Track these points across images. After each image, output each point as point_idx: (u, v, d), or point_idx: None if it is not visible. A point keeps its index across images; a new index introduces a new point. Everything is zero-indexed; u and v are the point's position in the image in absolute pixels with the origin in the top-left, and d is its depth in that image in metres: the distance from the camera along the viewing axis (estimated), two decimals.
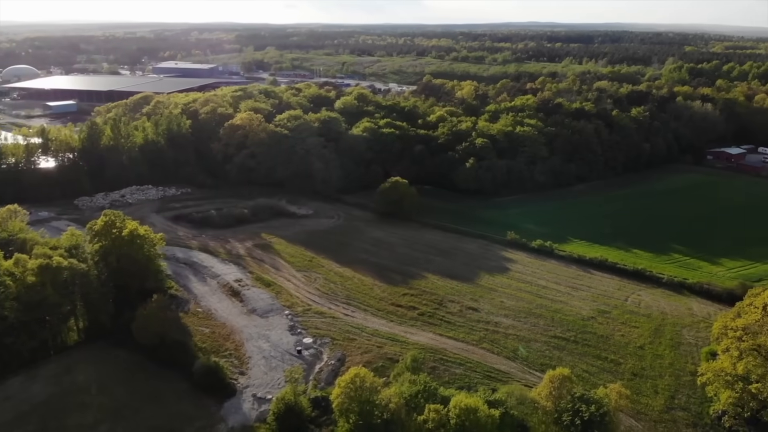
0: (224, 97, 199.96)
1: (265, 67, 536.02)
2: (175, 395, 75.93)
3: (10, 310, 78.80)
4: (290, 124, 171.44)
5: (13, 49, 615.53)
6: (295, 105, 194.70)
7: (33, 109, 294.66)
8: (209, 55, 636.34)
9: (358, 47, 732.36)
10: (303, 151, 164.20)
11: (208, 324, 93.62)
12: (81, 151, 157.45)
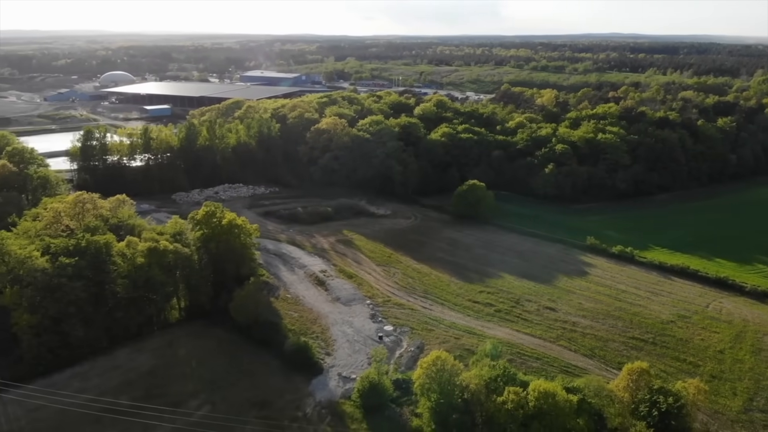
0: (310, 103, 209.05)
1: (345, 77, 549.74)
2: (267, 371, 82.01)
3: (121, 287, 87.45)
4: (372, 129, 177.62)
5: (109, 56, 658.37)
6: (376, 111, 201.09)
7: (130, 112, 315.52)
8: (292, 65, 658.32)
9: (436, 57, 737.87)
10: (383, 154, 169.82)
11: (297, 309, 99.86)
12: (179, 150, 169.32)
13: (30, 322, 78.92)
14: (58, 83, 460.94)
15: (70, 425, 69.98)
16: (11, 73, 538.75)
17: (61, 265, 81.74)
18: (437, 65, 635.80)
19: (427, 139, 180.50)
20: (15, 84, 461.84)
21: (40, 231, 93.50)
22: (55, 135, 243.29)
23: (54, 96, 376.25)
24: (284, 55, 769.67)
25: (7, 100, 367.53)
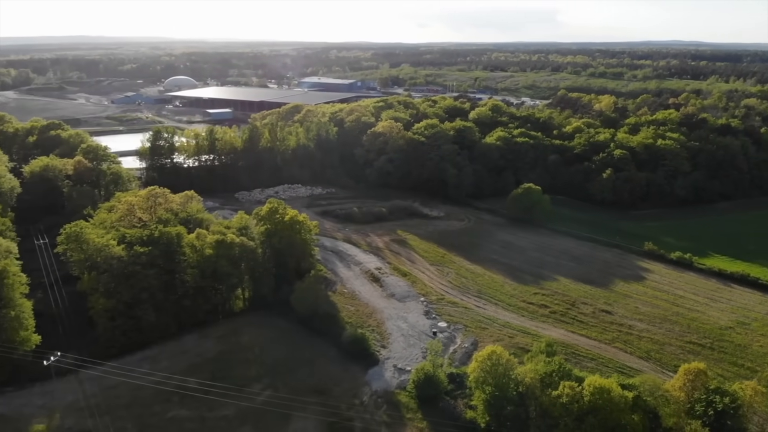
0: (367, 107, 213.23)
1: (400, 83, 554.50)
2: (325, 360, 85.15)
3: (190, 276, 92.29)
4: (427, 132, 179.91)
5: (172, 62, 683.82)
6: (431, 115, 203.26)
7: (193, 115, 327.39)
8: (348, 72, 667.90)
9: (491, 63, 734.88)
10: (438, 157, 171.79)
11: (353, 303, 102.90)
12: (242, 151, 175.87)
13: (106, 306, 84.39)
14: (125, 87, 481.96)
15: (141, 403, 74.60)
16: (79, 76, 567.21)
17: (135, 253, 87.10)
18: (492, 71, 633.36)
19: (482, 143, 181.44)
20: (83, 87, 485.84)
21: (114, 222, 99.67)
22: (123, 136, 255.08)
23: (121, 99, 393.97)
24: (340, 62, 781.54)
25: (76, 102, 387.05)
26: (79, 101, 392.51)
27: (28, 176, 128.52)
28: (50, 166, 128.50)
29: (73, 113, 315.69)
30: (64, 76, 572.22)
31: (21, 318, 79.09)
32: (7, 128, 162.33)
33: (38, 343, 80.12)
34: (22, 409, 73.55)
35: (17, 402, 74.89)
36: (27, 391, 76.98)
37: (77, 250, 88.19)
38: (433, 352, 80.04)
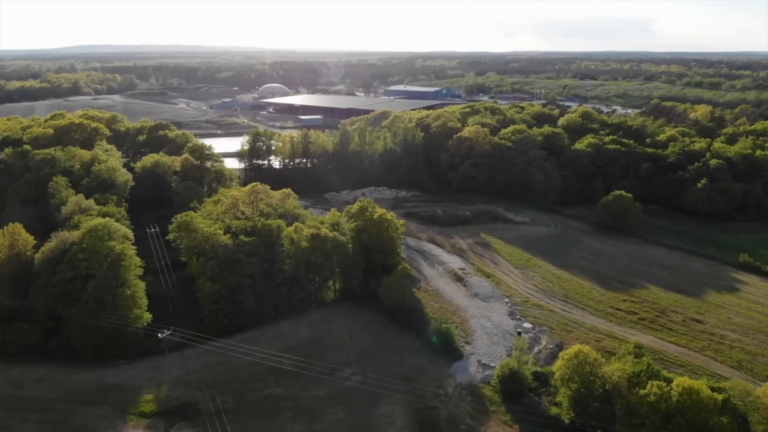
0: (453, 113, 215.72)
1: (485, 91, 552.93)
2: (411, 351, 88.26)
3: (288, 266, 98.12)
4: (514, 137, 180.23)
5: (266, 71, 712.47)
6: (518, 121, 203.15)
7: (286, 121, 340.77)
8: (433, 80, 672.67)
9: (580, 72, 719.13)
10: (524, 162, 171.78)
11: (437, 300, 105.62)
12: (333, 154, 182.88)
13: (211, 290, 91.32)
14: (222, 93, 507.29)
15: (241, 380, 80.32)
16: (180, 83, 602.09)
17: (240, 242, 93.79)
18: (581, 79, 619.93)
19: (571, 149, 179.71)
20: (184, 93, 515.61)
21: (220, 214, 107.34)
22: (221, 139, 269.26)
23: (218, 104, 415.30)
24: (425, 71, 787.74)
25: (177, 107, 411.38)
26: (180, 106, 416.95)
27: (140, 171, 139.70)
28: (160, 162, 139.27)
29: (175, 116, 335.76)
30: (165, 82, 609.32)
31: (135, 297, 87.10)
32: (120, 127, 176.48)
33: (149, 321, 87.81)
34: (134, 380, 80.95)
35: (129, 373, 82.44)
36: (138, 364, 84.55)
37: (187, 238, 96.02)
38: (518, 349, 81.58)
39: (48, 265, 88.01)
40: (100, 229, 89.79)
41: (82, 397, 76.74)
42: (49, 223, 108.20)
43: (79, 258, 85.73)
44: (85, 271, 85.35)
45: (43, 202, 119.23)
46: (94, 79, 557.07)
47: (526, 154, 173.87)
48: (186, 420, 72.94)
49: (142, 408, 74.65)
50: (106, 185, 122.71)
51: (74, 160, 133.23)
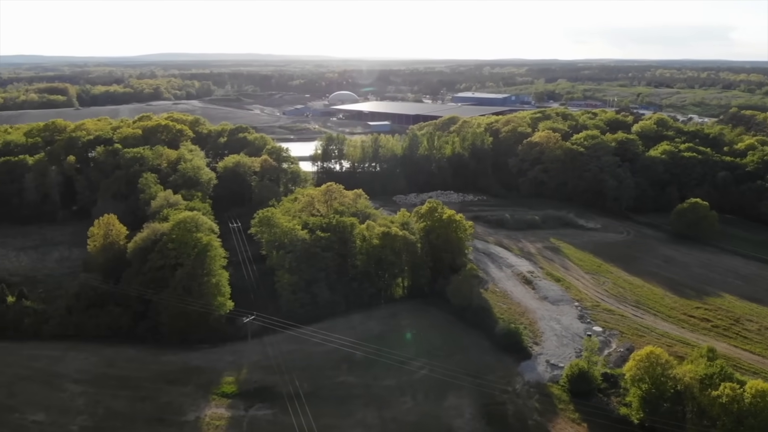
0: (523, 118, 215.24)
1: (555, 98, 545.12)
2: (478, 349, 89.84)
3: (360, 262, 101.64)
4: (586, 143, 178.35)
5: (335, 79, 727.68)
6: (590, 127, 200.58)
7: (355, 127, 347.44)
8: (501, 87, 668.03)
9: (655, 80, 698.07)
10: (597, 168, 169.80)
11: (505, 302, 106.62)
12: (401, 158, 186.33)
13: (289, 281, 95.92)
14: (294, 100, 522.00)
15: (315, 367, 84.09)
16: (254, 90, 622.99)
17: (317, 237, 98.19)
18: (656, 87, 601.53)
19: (645, 156, 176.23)
20: (258, 99, 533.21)
21: (297, 211, 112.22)
22: (294, 143, 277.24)
23: (291, 111, 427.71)
24: (493, 78, 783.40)
25: (253, 113, 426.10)
26: (254, 111, 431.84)
27: (222, 170, 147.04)
28: (241, 162, 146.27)
29: (251, 122, 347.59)
30: (240, 89, 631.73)
31: (219, 285, 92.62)
32: (202, 130, 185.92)
33: (232, 309, 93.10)
34: (216, 363, 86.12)
35: (211, 357, 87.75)
36: (219, 349, 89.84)
37: (267, 232, 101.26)
38: (589, 349, 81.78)
39: (140, 254, 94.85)
40: (189, 221, 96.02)
41: (168, 377, 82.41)
42: (138, 216, 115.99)
43: (169, 248, 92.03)
44: (174, 260, 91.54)
45: (132, 196, 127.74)
46: (174, 85, 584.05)
47: (599, 159, 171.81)
48: (265, 401, 77.20)
49: (224, 389, 79.49)
50: (191, 183, 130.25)
51: (161, 159, 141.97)
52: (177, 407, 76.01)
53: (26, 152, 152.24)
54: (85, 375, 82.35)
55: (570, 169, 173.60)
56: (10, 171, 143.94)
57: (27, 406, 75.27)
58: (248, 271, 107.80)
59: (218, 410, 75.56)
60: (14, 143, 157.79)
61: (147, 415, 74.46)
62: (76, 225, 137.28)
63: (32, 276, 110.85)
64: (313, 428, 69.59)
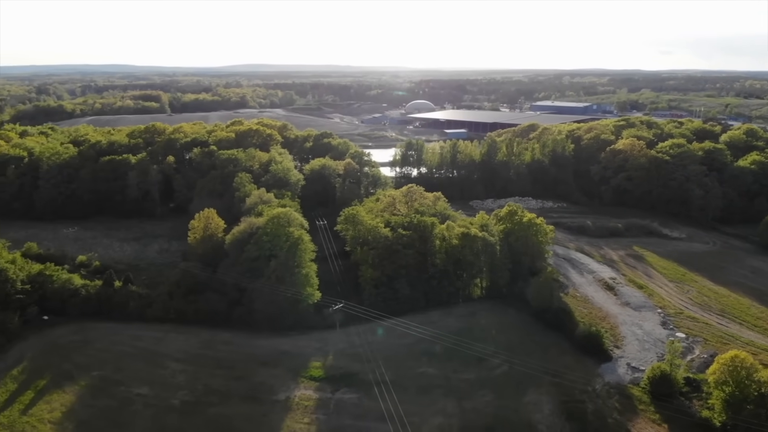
0: (606, 126, 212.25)
1: (639, 107, 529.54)
2: (557, 349, 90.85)
3: (439, 260, 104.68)
4: (672, 152, 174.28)
5: (412, 88, 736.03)
6: (676, 135, 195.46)
7: (431, 134, 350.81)
8: (582, 96, 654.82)
9: (744, 91, 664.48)
10: (682, 177, 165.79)
11: (585, 306, 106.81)
12: (479, 164, 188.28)
13: (372, 276, 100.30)
14: (372, 109, 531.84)
15: (396, 357, 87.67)
16: (334, 99, 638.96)
17: (399, 235, 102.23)
18: (746, 98, 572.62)
19: (733, 166, 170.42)
20: (337, 108, 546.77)
21: (379, 211, 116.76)
22: (372, 150, 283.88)
23: (369, 119, 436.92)
24: (573, 87, 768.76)
25: (333, 121, 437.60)
26: (334, 120, 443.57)
27: (308, 173, 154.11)
28: (326, 165, 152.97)
29: (330, 129, 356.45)
30: (320, 98, 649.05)
31: (309, 276, 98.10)
32: (289, 135, 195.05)
33: (319, 299, 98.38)
34: (304, 349, 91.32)
35: (299, 343, 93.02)
36: (307, 336, 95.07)
37: (352, 229, 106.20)
38: (672, 352, 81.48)
39: (237, 245, 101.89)
40: (282, 216, 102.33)
41: (260, 360, 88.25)
42: (232, 212, 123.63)
43: (264, 240, 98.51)
44: (268, 252, 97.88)
45: (227, 194, 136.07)
46: (259, 94, 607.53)
47: (685, 168, 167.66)
48: (350, 386, 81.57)
49: (312, 372, 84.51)
50: (281, 183, 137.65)
51: (254, 161, 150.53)
52: (269, 387, 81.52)
53: (129, 152, 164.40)
54: (185, 355, 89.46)
55: (654, 178, 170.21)
56: (114, 169, 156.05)
57: (132, 381, 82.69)
58: (334, 265, 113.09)
59: (307, 392, 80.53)
60: (118, 143, 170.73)
61: (242, 393, 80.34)
62: (173, 220, 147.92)
63: (135, 264, 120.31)
64: (400, 412, 73.06)
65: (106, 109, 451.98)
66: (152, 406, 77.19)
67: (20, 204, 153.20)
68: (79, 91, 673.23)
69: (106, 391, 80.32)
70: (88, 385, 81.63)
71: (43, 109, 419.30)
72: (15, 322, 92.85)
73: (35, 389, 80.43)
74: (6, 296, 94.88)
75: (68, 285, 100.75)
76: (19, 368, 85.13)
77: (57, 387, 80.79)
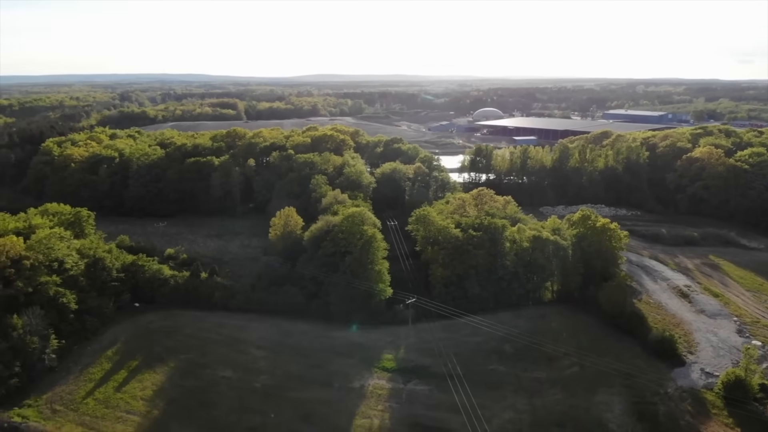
0: (683, 134, 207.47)
1: (716, 117, 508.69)
2: (630, 353, 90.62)
3: (510, 262, 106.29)
4: (752, 160, 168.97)
5: (480, 96, 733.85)
6: (756, 144, 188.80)
7: (500, 142, 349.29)
8: (657, 105, 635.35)
9: None
10: (762, 187, 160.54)
11: (659, 313, 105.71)
12: (550, 170, 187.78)
13: (443, 275, 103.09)
14: (438, 117, 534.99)
15: (466, 354, 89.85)
16: (401, 108, 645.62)
17: (469, 236, 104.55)
18: None
19: None
20: (404, 116, 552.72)
21: (449, 213, 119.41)
22: (438, 157, 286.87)
23: (436, 127, 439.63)
24: (648, 96, 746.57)
25: (400, 128, 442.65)
26: (401, 127, 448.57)
27: (379, 176, 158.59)
28: (397, 169, 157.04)
29: (398, 137, 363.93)
30: (388, 107, 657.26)
31: (381, 273, 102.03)
32: (361, 140, 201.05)
33: (390, 296, 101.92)
34: (376, 342, 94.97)
35: (372, 336, 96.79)
36: (379, 330, 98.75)
37: (423, 229, 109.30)
38: (748, 357, 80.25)
39: (314, 242, 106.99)
40: (356, 215, 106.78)
41: (335, 350, 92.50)
42: (308, 212, 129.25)
43: (340, 237, 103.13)
44: (343, 248, 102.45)
45: (303, 195, 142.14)
46: (330, 103, 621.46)
47: (765, 178, 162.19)
48: (421, 378, 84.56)
49: (384, 364, 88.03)
50: (354, 185, 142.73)
51: (328, 164, 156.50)
52: (344, 375, 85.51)
53: (212, 154, 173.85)
54: (266, 342, 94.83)
55: (732, 187, 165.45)
56: (199, 170, 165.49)
57: (217, 364, 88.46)
58: (404, 264, 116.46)
59: (380, 381, 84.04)
60: (202, 146, 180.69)
61: (319, 379, 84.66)
62: (252, 219, 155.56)
63: (219, 258, 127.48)
64: (473, 404, 75.36)
65: (185, 115, 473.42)
66: (236, 388, 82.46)
67: (111, 201, 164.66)
68: (159, 98, 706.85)
69: (193, 373, 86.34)
70: (176, 366, 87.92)
71: (128, 114, 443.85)
72: (110, 308, 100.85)
73: (128, 369, 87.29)
74: (102, 283, 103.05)
75: (159, 275, 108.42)
76: (113, 349, 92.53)
77: (148, 367, 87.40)
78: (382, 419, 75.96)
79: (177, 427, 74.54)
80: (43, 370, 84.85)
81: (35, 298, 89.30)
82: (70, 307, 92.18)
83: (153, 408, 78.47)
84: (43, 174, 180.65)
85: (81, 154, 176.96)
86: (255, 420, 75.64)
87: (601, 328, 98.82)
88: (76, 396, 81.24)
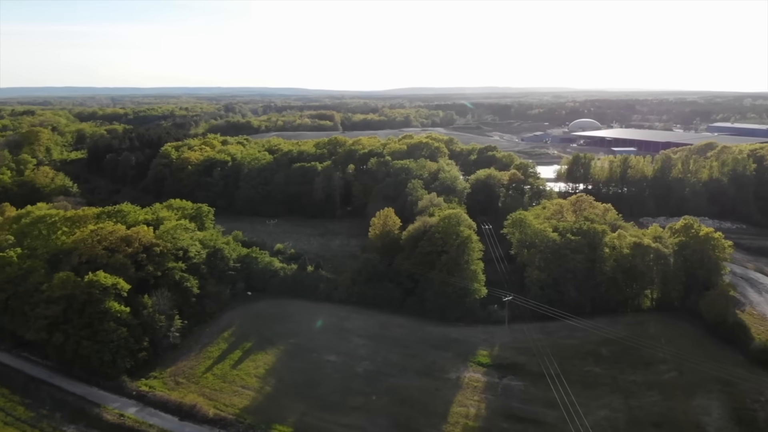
0: None
1: None
2: (731, 362, 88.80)
3: (609, 267, 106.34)
4: None
5: (576, 107, 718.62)
6: None
7: (597, 153, 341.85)
8: (765, 119, 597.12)
9: None
10: None
11: (763, 324, 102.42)
12: (651, 180, 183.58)
13: (538, 278, 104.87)
14: (532, 128, 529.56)
15: (561, 355, 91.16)
16: (493, 119, 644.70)
17: (567, 240, 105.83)
18: None
19: None
20: (496, 127, 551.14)
21: (546, 217, 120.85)
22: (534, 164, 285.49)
23: (529, 137, 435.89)
24: (756, 110, 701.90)
25: (492, 138, 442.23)
26: (494, 138, 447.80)
27: (473, 182, 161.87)
28: (491, 175, 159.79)
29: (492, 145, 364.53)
30: (480, 118, 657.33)
31: (476, 273, 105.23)
32: (455, 148, 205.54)
33: (484, 296, 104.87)
34: (471, 338, 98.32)
35: (466, 333, 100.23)
36: (473, 328, 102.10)
37: (519, 233, 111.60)
38: None
39: (411, 241, 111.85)
40: (453, 217, 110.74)
41: (431, 343, 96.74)
42: (404, 215, 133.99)
43: (436, 237, 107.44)
44: (439, 248, 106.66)
45: (399, 199, 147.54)
46: (421, 114, 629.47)
47: None
48: (516, 375, 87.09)
49: (480, 359, 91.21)
50: (448, 190, 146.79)
51: (424, 170, 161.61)
52: (440, 366, 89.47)
53: (315, 161, 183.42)
54: (366, 332, 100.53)
55: None
56: (303, 174, 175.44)
57: (323, 349, 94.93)
58: (499, 267, 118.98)
59: (475, 375, 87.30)
60: (306, 153, 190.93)
61: (416, 368, 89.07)
62: (350, 221, 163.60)
63: (322, 255, 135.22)
64: (573, 399, 77.22)
65: (287, 125, 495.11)
66: (340, 371, 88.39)
67: (223, 201, 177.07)
68: (261, 110, 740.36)
69: (300, 356, 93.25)
70: (285, 349, 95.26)
71: (233, 124, 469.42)
72: (227, 294, 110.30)
73: (242, 349, 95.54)
74: (221, 272, 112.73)
75: (269, 267, 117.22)
76: (229, 332, 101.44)
77: (260, 349, 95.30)
78: (479, 409, 79.18)
79: (287, 402, 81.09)
80: (167, 346, 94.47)
81: (163, 282, 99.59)
82: (192, 291, 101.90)
83: (265, 384, 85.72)
84: (162, 175, 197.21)
85: (196, 158, 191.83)
86: (357, 401, 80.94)
87: (702, 336, 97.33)
88: (197, 371, 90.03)
